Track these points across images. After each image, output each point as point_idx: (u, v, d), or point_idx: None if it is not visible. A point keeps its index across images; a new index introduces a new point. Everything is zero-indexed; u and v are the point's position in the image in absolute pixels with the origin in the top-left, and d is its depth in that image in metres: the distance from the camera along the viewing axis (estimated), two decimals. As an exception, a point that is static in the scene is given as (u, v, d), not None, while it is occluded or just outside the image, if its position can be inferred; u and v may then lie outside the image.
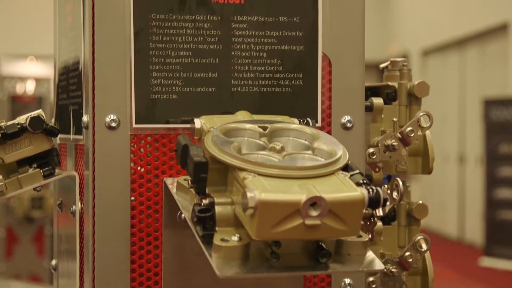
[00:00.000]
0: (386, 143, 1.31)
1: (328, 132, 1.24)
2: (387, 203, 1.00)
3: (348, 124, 1.25)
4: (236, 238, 0.95)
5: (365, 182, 0.99)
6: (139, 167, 1.18)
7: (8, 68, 5.40)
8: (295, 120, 1.12)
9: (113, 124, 1.17)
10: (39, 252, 4.94)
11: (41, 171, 1.25)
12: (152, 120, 1.18)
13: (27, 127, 1.21)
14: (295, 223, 0.90)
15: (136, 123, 1.17)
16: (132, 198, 1.18)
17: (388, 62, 1.43)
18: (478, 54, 8.72)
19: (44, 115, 1.23)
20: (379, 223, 1.35)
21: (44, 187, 1.83)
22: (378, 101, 1.35)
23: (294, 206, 0.90)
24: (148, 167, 1.19)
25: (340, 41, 1.25)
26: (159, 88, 1.18)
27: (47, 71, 5.27)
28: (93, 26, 1.17)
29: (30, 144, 1.23)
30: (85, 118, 1.19)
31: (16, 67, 5.47)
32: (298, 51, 1.23)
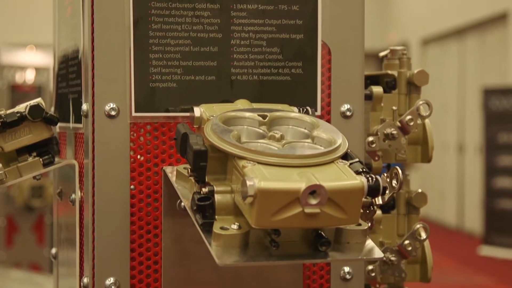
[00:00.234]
0: (385, 132, 1.31)
1: (328, 121, 1.23)
2: (387, 192, 1.00)
3: (348, 113, 1.25)
4: (235, 227, 0.95)
5: (364, 170, 0.99)
6: (139, 156, 1.18)
7: (7, 57, 5.39)
8: (295, 109, 1.12)
9: (112, 113, 1.17)
10: (39, 241, 4.95)
11: (40, 159, 1.25)
12: (151, 108, 1.18)
13: (27, 115, 1.21)
14: (294, 211, 0.90)
15: (135, 112, 1.17)
16: (132, 187, 1.18)
17: (388, 51, 1.43)
18: (478, 43, 8.71)
19: (43, 104, 1.23)
20: (379, 211, 1.35)
21: (43, 175, 1.83)
22: (377, 89, 1.35)
23: (294, 194, 0.90)
24: (148, 155, 1.19)
25: (340, 29, 1.25)
26: (158, 77, 1.18)
27: (47, 60, 5.25)
28: (92, 15, 1.17)
29: (29, 132, 1.24)
30: (84, 107, 1.18)
31: (16, 56, 5.45)
32: (297, 39, 1.23)
